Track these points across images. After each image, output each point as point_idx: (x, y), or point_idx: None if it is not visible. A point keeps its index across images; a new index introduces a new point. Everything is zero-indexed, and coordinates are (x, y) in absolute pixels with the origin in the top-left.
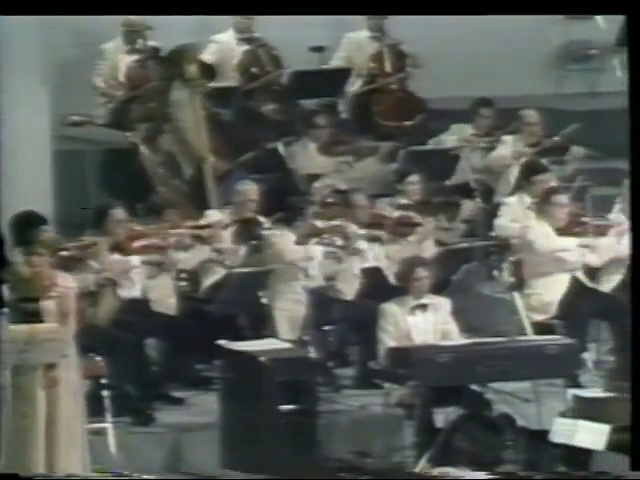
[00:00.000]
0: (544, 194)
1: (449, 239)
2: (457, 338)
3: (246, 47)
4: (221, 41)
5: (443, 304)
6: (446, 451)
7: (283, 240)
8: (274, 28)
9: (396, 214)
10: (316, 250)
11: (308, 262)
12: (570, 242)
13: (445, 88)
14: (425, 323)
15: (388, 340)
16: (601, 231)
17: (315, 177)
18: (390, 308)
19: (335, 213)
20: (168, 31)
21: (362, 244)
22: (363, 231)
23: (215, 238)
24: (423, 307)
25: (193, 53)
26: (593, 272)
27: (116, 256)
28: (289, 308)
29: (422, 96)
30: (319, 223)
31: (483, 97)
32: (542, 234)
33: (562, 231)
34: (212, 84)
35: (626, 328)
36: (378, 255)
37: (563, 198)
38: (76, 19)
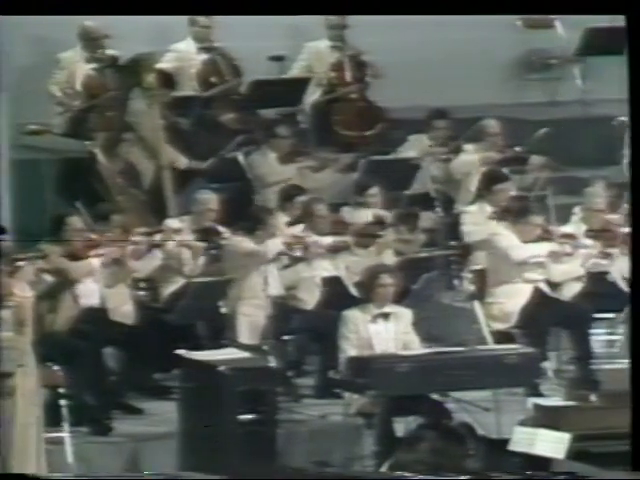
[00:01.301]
0: (517, 211)
1: (409, 250)
2: (418, 349)
3: (205, 56)
4: (180, 50)
5: (405, 314)
6: (406, 460)
7: (246, 243)
8: (233, 37)
9: (356, 225)
10: (276, 243)
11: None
12: (541, 248)
13: (405, 97)
14: (387, 332)
15: (349, 348)
16: (568, 252)
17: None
18: (352, 315)
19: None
20: (127, 40)
21: (322, 254)
22: (323, 241)
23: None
24: (385, 316)
25: (151, 62)
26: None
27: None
28: (251, 313)
29: (382, 105)
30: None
31: (437, 108)
32: (514, 244)
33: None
34: (171, 93)
35: (586, 336)
36: (338, 265)
37: (537, 218)
38: (35, 27)
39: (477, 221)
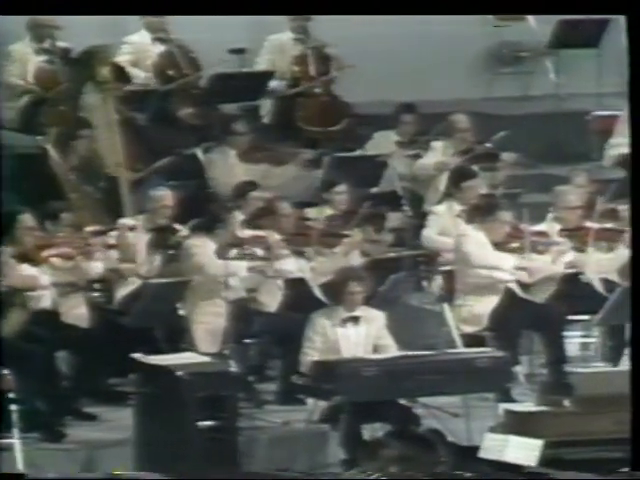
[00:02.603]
0: (486, 208)
1: (376, 250)
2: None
3: (161, 48)
4: (135, 42)
5: (377, 317)
6: (372, 468)
7: (203, 251)
8: (191, 29)
9: (322, 224)
10: (240, 265)
11: (230, 276)
12: (506, 260)
13: (372, 92)
14: (357, 336)
15: (314, 352)
16: (540, 250)
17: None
18: (319, 319)
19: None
20: (79, 32)
21: (285, 256)
22: (286, 242)
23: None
24: (355, 319)
25: (105, 54)
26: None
27: (24, 266)
28: (208, 321)
29: (348, 100)
30: (240, 232)
31: (405, 103)
32: (478, 246)
33: (500, 245)
34: (126, 87)
35: (560, 339)
36: (302, 267)
37: (507, 215)
38: None
39: (444, 221)
